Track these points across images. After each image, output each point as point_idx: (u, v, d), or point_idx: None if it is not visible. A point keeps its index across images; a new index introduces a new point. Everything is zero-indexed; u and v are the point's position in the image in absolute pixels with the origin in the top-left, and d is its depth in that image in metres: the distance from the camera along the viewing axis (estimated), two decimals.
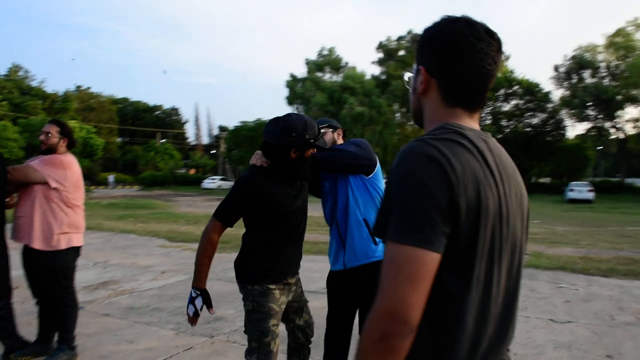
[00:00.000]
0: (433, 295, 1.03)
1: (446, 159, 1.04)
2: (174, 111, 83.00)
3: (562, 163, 43.87)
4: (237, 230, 2.74)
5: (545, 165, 46.09)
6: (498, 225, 1.10)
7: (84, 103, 61.58)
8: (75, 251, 4.03)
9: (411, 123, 54.86)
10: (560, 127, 43.80)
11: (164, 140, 69.28)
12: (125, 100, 79.04)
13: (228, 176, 59.87)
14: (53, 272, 3.85)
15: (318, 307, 5.42)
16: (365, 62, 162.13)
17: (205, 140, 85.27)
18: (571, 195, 32.85)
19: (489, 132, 1.24)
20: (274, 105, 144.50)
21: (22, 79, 68.77)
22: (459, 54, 1.15)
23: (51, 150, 3.96)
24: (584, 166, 46.85)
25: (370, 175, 2.89)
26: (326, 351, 3.04)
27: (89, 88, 65.99)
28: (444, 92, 1.20)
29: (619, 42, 39.63)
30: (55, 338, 4.02)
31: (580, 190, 33.02)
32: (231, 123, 79.43)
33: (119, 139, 70.33)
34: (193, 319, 2.64)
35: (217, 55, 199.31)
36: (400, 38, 56.14)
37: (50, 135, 3.95)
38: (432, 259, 1.00)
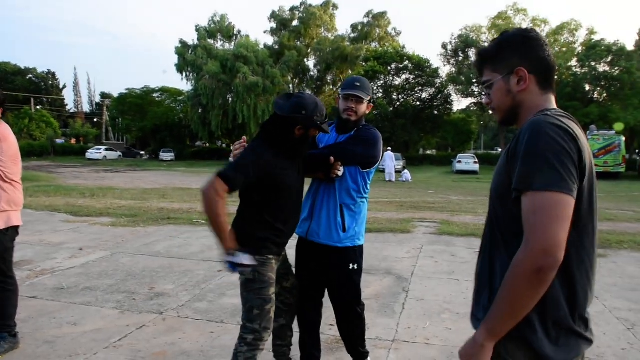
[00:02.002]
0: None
1: (571, 129, 1.31)
2: (50, 75, 76.40)
3: (448, 136, 46.70)
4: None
5: (432, 138, 48.81)
6: (594, 187, 1.38)
7: None
8: (14, 231, 3.67)
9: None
10: (447, 101, 46.46)
11: (39, 107, 63.91)
12: None
13: (113, 146, 56.72)
14: None
15: None
16: (258, 32, 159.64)
17: (86, 108, 79.85)
18: (459, 166, 34.92)
19: None
20: (161, 72, 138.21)
21: None
22: (543, 50, 1.47)
23: None
24: (468, 139, 50.19)
25: (367, 169, 2.95)
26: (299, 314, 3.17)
27: None
28: (541, 83, 1.49)
29: (500, 24, 42.49)
30: None
31: (467, 162, 35.19)
32: (115, 90, 75.01)
33: None
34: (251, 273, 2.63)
35: (97, 16, 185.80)
36: (293, 8, 55.86)
37: None
38: (572, 203, 1.26)
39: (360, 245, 3.05)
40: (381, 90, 46.62)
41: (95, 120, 72.87)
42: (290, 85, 53.65)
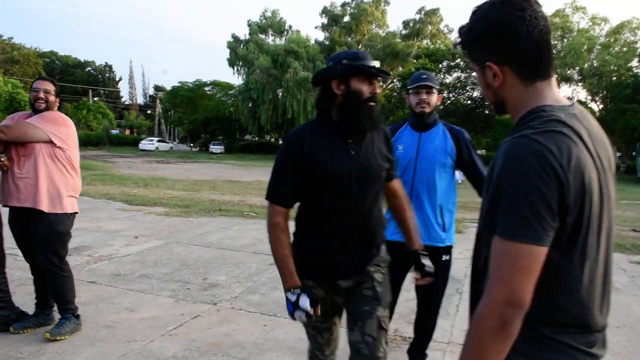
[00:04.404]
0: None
1: (552, 155, 1.09)
2: (107, 68, 79.00)
3: (499, 136, 45.50)
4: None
5: (482, 138, 47.76)
6: (599, 200, 1.17)
7: (6, 55, 57.39)
8: (74, 217, 3.77)
9: None
10: None
11: (97, 98, 66.17)
12: (52, 53, 74.44)
13: (165, 138, 58.16)
14: (54, 237, 3.58)
15: None
16: (309, 27, 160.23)
17: (140, 100, 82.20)
18: None
19: (574, 101, 1.30)
20: (214, 66, 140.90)
21: None
22: (516, 32, 1.19)
23: (49, 109, 3.65)
24: None
25: None
26: None
27: (11, 38, 61.40)
28: (520, 73, 1.24)
29: (557, 22, 41.00)
30: (55, 308, 3.77)
31: None
32: (168, 83, 76.91)
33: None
34: (308, 322, 2.09)
35: (153, 12, 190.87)
36: (344, 4, 55.70)
37: (49, 93, 3.64)
38: (543, 252, 1.10)
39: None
40: None
41: (148, 112, 74.91)
42: None
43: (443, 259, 2.98)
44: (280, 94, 48.55)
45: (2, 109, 37.81)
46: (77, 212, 3.77)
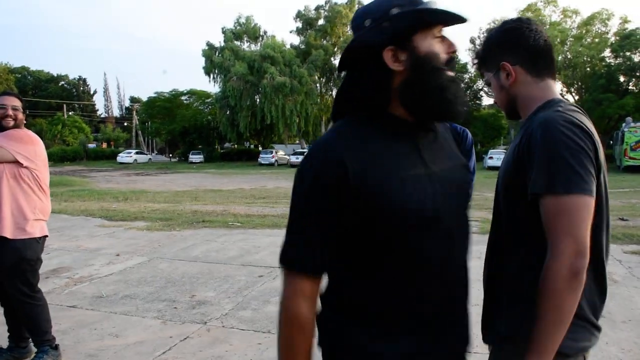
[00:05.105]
0: None
1: (585, 125, 1.29)
2: (81, 81, 77.90)
3: (478, 131, 45.84)
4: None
5: None
6: (607, 182, 1.36)
7: None
8: (44, 241, 3.50)
9: (332, 93, 55.03)
10: (476, 97, 45.70)
11: (72, 112, 65.13)
12: (24, 69, 73.09)
13: (143, 149, 57.42)
14: (22, 265, 3.30)
15: None
16: (284, 32, 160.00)
17: (116, 112, 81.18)
18: (490, 162, 33.88)
19: None
20: (190, 75, 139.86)
21: None
22: (526, 38, 1.44)
23: (17, 127, 3.38)
24: (498, 135, 49.24)
25: None
26: None
27: None
28: (532, 71, 1.45)
29: (529, 16, 41.42)
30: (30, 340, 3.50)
31: (499, 157, 34.17)
32: (143, 94, 76.13)
33: None
34: None
35: (124, 22, 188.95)
36: (318, 7, 55.58)
37: (17, 109, 3.37)
38: (593, 203, 1.23)
39: None
40: None
41: (125, 124, 73.94)
42: (318, 85, 53.46)
43: None
44: (258, 100, 48.23)
45: None
46: (46, 236, 3.50)
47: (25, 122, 3.52)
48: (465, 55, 49.43)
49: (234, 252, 6.92)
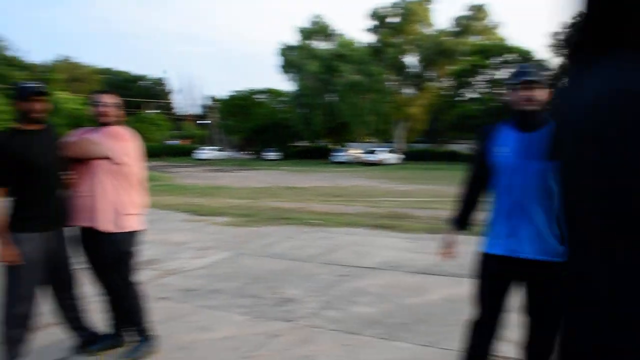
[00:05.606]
0: None
1: None
2: (161, 81, 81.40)
3: None
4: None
5: None
6: None
7: (69, 73, 59.80)
8: (140, 234, 3.58)
9: (406, 91, 54.35)
10: None
11: (156, 111, 68.07)
12: (108, 70, 77.24)
13: (220, 146, 59.10)
14: (120, 257, 3.41)
15: (377, 283, 5.07)
16: (357, 30, 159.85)
17: (194, 110, 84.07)
18: None
19: None
20: (266, 74, 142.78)
21: (4, 49, 66.68)
22: None
23: (112, 123, 3.48)
24: None
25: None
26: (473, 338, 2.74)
27: (74, 58, 64.17)
28: None
29: None
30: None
31: None
32: (221, 93, 78.42)
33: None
34: None
35: (202, 25, 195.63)
36: (392, 5, 54.98)
37: (111, 106, 3.47)
38: None
39: None
40: (483, 85, 45.01)
41: (203, 122, 76.39)
42: (392, 83, 52.98)
43: (560, 275, 2.59)
44: (332, 98, 48.42)
45: (64, 124, 39.36)
46: (142, 230, 3.59)
47: (121, 118, 3.63)
48: (546, 52, 47.20)
49: (316, 250, 6.91)
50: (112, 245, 3.37)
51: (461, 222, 2.85)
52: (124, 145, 3.44)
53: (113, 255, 3.39)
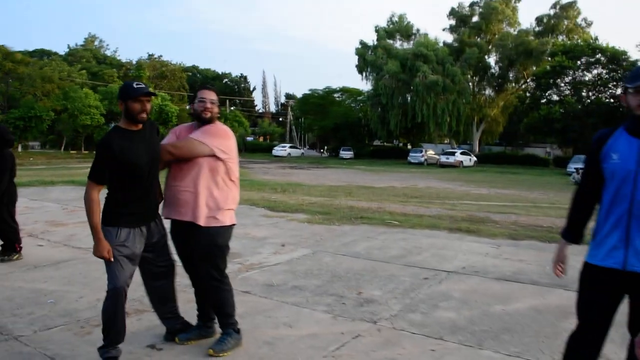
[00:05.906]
0: None
1: None
2: (242, 79, 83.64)
3: None
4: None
5: None
6: None
7: (156, 71, 62.56)
8: (232, 229, 3.65)
9: (485, 92, 52.77)
10: None
11: (233, 107, 70.04)
12: (194, 68, 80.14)
13: (296, 144, 59.96)
14: (213, 251, 3.49)
15: (464, 289, 4.90)
16: (436, 29, 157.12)
17: (272, 108, 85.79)
18: None
19: None
20: (342, 73, 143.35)
21: (98, 48, 70.81)
22: None
23: (213, 120, 3.55)
24: None
25: None
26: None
27: (160, 56, 66.97)
28: None
29: None
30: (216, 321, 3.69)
31: None
32: (298, 91, 79.50)
33: (188, 107, 71.43)
34: None
35: (282, 25, 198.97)
36: (473, 4, 53.51)
37: (214, 103, 3.54)
38: None
39: None
40: (569, 87, 42.95)
41: (280, 119, 77.82)
42: (471, 84, 51.62)
43: None
44: (410, 98, 47.83)
45: (152, 119, 41.30)
46: (234, 224, 3.66)
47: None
48: (637, 53, 44.25)
49: (396, 251, 6.81)
50: (210, 239, 3.45)
51: (574, 234, 2.67)
52: (225, 142, 3.51)
53: (210, 249, 3.47)
